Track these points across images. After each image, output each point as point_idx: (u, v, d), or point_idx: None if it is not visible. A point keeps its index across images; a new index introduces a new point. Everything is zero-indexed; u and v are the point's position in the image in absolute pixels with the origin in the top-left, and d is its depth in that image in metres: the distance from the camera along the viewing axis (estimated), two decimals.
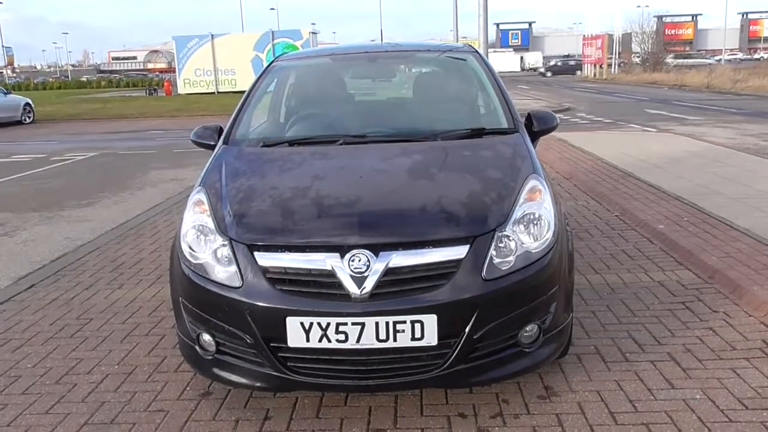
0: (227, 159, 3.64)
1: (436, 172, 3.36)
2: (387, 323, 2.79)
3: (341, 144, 3.67)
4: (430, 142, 3.69)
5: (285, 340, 2.86)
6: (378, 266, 2.82)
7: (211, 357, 3.10)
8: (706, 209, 6.59)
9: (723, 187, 7.65)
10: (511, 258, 2.96)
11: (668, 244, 5.62)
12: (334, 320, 2.80)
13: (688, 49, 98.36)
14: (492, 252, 2.93)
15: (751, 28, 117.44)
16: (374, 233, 2.91)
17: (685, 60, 63.61)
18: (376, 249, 2.85)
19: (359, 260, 2.82)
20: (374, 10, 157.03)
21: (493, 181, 3.26)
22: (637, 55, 61.47)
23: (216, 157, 3.71)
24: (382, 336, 2.80)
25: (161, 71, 64.65)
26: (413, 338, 2.81)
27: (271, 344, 2.90)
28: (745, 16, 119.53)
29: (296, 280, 2.88)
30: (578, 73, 60.87)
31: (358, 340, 2.81)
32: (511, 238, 2.99)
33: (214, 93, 38.30)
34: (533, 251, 3.02)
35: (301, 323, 2.82)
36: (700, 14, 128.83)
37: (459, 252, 2.89)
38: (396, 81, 4.44)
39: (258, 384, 3.03)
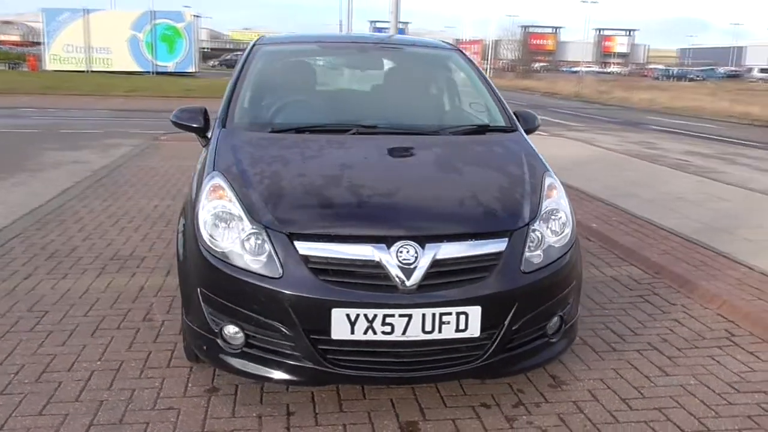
0: (235, 143, 3.49)
1: (460, 166, 3.39)
2: (434, 315, 2.79)
3: (354, 133, 3.61)
4: (441, 136, 3.71)
5: (328, 332, 2.79)
6: (425, 258, 2.81)
7: (237, 350, 2.96)
8: (629, 210, 7.01)
9: (633, 190, 8.17)
10: (539, 252, 3.05)
11: (607, 242, 5.93)
12: (381, 312, 2.77)
13: (549, 59, 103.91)
14: (526, 246, 3.00)
15: (604, 43, 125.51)
16: (420, 225, 2.90)
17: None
18: (422, 241, 2.84)
19: (407, 252, 2.81)
20: None
21: (517, 177, 3.33)
22: (505, 61, 64.10)
23: (220, 140, 3.54)
24: (428, 328, 2.80)
25: (14, 44, 60.09)
26: (457, 330, 2.83)
27: (311, 336, 2.82)
28: (599, 32, 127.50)
29: (341, 271, 2.82)
30: None
31: (404, 332, 2.79)
32: (538, 232, 3.08)
33: (85, 71, 36.20)
34: (555, 246, 3.12)
35: (347, 315, 2.76)
36: (562, 27, 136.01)
37: (499, 245, 2.94)
38: (387, 73, 4.41)
39: (293, 378, 2.93)
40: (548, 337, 3.11)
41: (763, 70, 76.98)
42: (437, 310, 2.79)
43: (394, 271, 2.79)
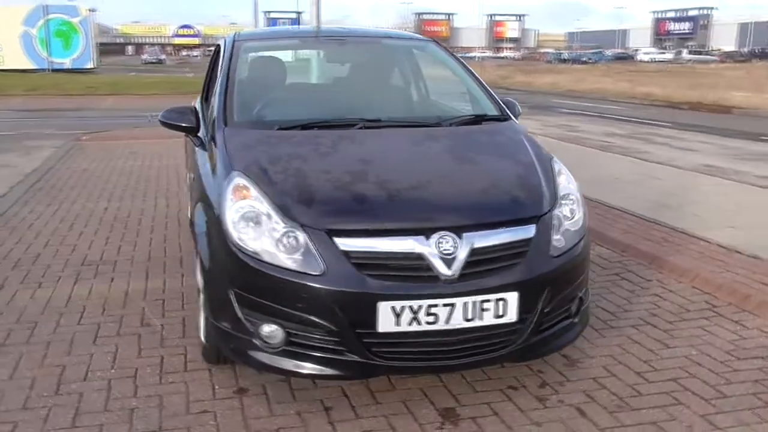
0: (247, 142, 3.45)
1: (474, 156, 3.48)
2: (474, 303, 2.88)
3: (361, 128, 3.64)
4: (443, 127, 3.79)
5: (374, 326, 2.83)
6: (464, 247, 2.89)
7: (277, 349, 2.96)
8: None
9: (573, 173, 8.47)
10: (560, 236, 3.18)
11: None
12: (425, 302, 2.83)
13: (444, 45, 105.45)
14: (552, 231, 3.13)
15: (496, 29, 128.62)
16: (455, 215, 2.98)
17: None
18: (459, 231, 2.92)
19: (447, 242, 2.88)
20: None
21: (529, 164, 3.45)
22: None
23: (229, 139, 3.48)
24: (470, 315, 2.89)
25: None
26: (496, 316, 2.93)
27: (357, 330, 2.86)
28: (491, 17, 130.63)
29: (383, 265, 2.86)
30: None
31: (447, 321, 2.87)
32: (558, 217, 3.21)
33: None
34: (571, 230, 3.26)
35: (392, 307, 2.81)
36: (455, 13, 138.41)
37: (529, 232, 3.05)
38: (373, 66, 4.43)
39: (339, 373, 2.95)
40: (572, 318, 3.26)
41: (692, 52, 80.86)
42: (478, 298, 2.88)
43: (436, 262, 2.85)
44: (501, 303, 2.92)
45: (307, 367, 2.95)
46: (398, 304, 2.81)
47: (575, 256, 3.19)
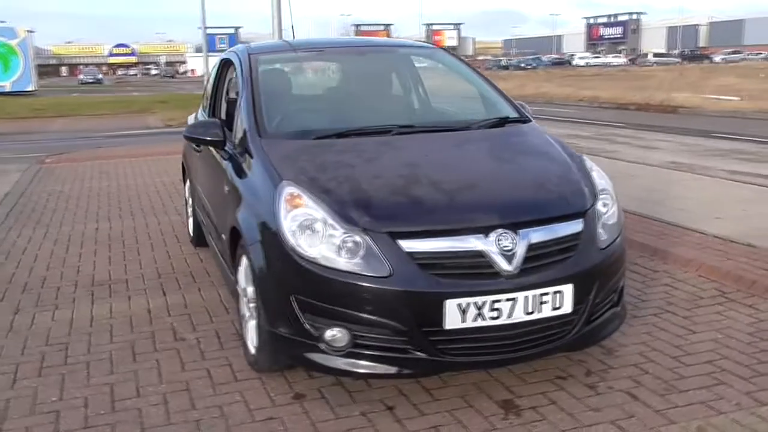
0: (289, 152, 3.50)
1: (512, 156, 3.61)
2: (534, 296, 2.99)
3: (396, 134, 3.72)
4: (473, 130, 3.90)
5: (441, 323, 2.91)
6: (521, 243, 3.01)
7: (343, 352, 3.01)
8: None
9: None
10: (602, 230, 3.33)
11: None
12: (489, 298, 2.93)
13: None
14: (596, 224, 3.27)
15: (434, 38, 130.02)
16: (510, 213, 3.09)
17: None
18: (515, 228, 3.03)
19: (506, 239, 2.98)
20: (71, 9, 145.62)
21: (565, 162, 3.59)
22: None
23: (268, 151, 3.52)
24: (530, 309, 3.00)
25: None
26: (554, 308, 3.05)
27: (424, 329, 2.94)
28: (429, 27, 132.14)
29: (446, 263, 2.95)
30: None
31: (509, 315, 2.97)
32: (598, 211, 3.36)
33: None
34: (609, 222, 3.41)
35: (459, 304, 2.90)
36: (392, 24, 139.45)
37: (577, 226, 3.19)
38: (392, 74, 4.52)
39: (407, 371, 3.03)
40: (615, 308, 3.40)
41: (656, 55, 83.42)
42: (537, 291, 3.00)
43: (497, 259, 2.96)
44: (558, 295, 3.04)
45: (374, 367, 3.02)
46: (464, 301, 2.91)
47: (617, 248, 3.34)
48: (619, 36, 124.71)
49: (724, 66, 58.28)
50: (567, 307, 3.07)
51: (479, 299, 2.92)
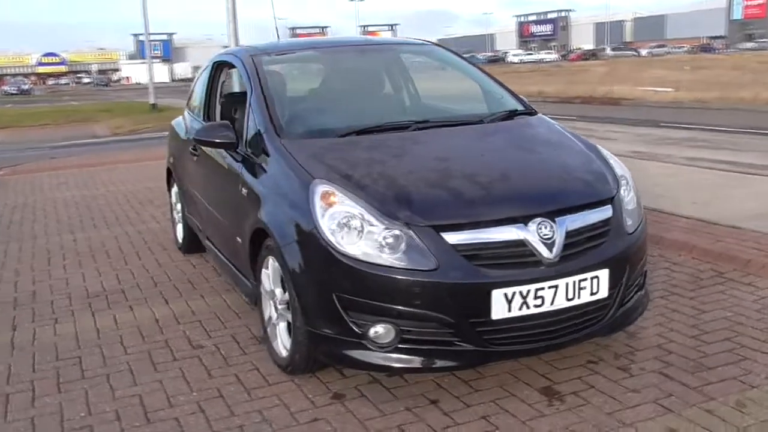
0: (314, 151, 3.46)
1: (533, 147, 3.65)
2: (574, 282, 3.05)
3: (415, 130, 3.72)
4: (487, 123, 3.93)
5: (487, 314, 2.94)
6: (560, 231, 3.05)
7: (389, 348, 3.01)
8: None
9: None
10: (626, 216, 3.40)
11: None
12: (533, 286, 2.97)
13: None
14: (622, 210, 3.34)
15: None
16: (547, 202, 3.13)
17: None
18: (552, 216, 3.07)
19: (546, 227, 3.02)
20: None
21: (583, 151, 3.66)
22: None
23: (292, 150, 3.47)
24: (570, 295, 3.05)
25: None
26: (591, 293, 3.10)
27: (470, 320, 2.95)
28: (364, 28, 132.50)
29: (490, 254, 2.98)
30: None
31: (552, 303, 3.01)
32: (622, 196, 3.43)
33: None
34: (629, 208, 3.48)
35: (504, 294, 2.93)
36: (328, 26, 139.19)
37: (607, 212, 3.26)
38: (396, 71, 4.52)
39: (454, 363, 3.05)
40: (641, 290, 3.49)
41: (614, 48, 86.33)
42: (576, 278, 3.05)
43: (539, 247, 3.00)
44: (595, 280, 3.10)
45: (421, 361, 3.02)
46: (510, 291, 2.94)
47: (642, 232, 3.42)
48: (549, 33, 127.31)
49: (651, 59, 60.15)
50: (603, 292, 3.13)
51: (524, 288, 2.95)
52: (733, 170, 8.38)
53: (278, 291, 3.46)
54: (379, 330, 3.00)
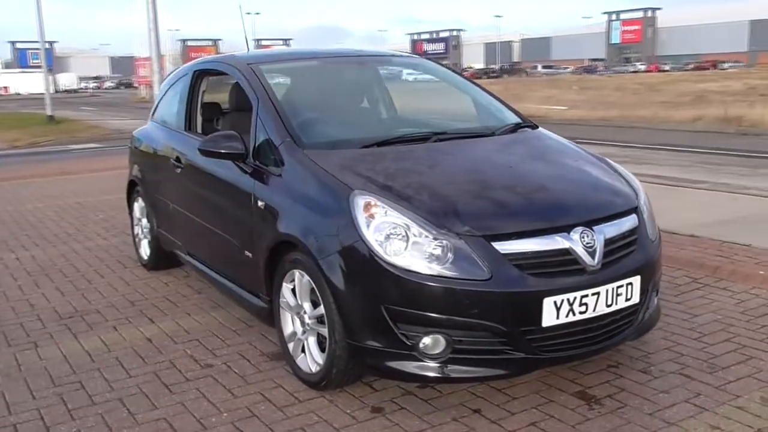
0: (341, 162, 3.41)
1: (555, 158, 3.74)
2: (613, 289, 3.14)
3: (435, 141, 3.74)
4: (500, 135, 3.99)
5: (539, 322, 2.98)
6: (599, 239, 3.15)
7: (441, 358, 3.00)
8: None
9: None
10: (647, 223, 3.55)
11: None
12: (579, 294, 3.04)
13: None
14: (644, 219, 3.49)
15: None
16: (586, 211, 3.22)
17: None
18: (590, 224, 3.17)
19: (588, 236, 3.11)
20: None
21: (598, 163, 3.78)
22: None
23: (318, 161, 3.41)
24: (609, 301, 3.14)
25: None
26: (626, 299, 3.21)
27: (521, 328, 2.99)
28: (258, 42, 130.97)
29: (538, 263, 3.03)
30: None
31: (594, 309, 3.10)
32: (642, 206, 3.58)
33: None
34: (647, 217, 3.62)
35: (554, 302, 2.99)
36: (221, 39, 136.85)
37: (634, 221, 3.39)
38: (399, 83, 4.52)
39: (504, 372, 3.07)
40: (658, 295, 3.64)
41: (545, 67, 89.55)
42: (615, 284, 3.15)
43: (583, 255, 3.08)
44: (629, 287, 3.21)
45: (473, 371, 3.04)
46: (558, 299, 3.00)
47: (659, 240, 3.58)
48: (441, 51, 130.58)
49: (540, 79, 62.89)
50: (635, 298, 3.25)
51: (571, 295, 3.02)
52: (662, 183, 8.86)
53: (307, 305, 3.38)
54: (429, 341, 2.99)
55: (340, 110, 4.26)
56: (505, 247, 2.99)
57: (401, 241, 3.01)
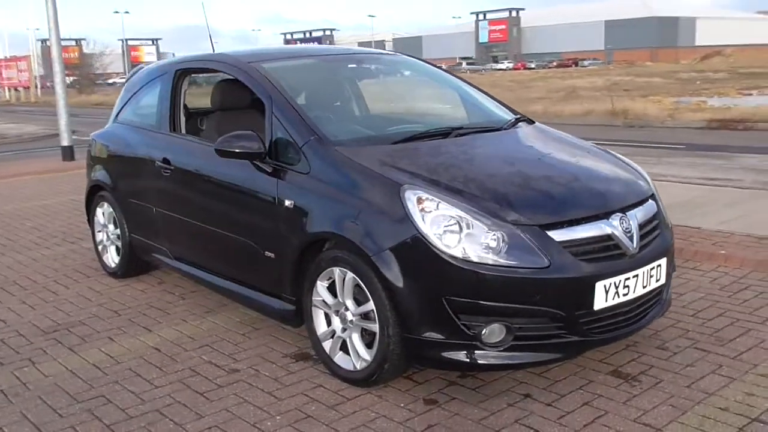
0: (380, 158, 3.40)
1: (572, 150, 3.89)
2: (648, 271, 3.34)
3: (456, 136, 3.80)
4: (507, 129, 4.09)
5: (591, 305, 3.12)
6: (634, 224, 3.33)
7: (504, 346, 3.07)
8: None
9: None
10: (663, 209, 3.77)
11: None
12: (623, 277, 3.21)
13: (77, 72, 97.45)
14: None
15: (132, 53, 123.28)
16: (618, 198, 3.39)
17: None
18: (625, 210, 3.34)
19: (625, 222, 3.28)
20: None
21: (605, 154, 3.96)
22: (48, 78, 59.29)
23: (354, 157, 3.40)
24: (644, 283, 3.33)
25: None
26: (656, 280, 3.42)
27: (576, 312, 3.12)
28: (125, 42, 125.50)
29: (588, 249, 3.16)
30: None
31: (634, 291, 3.28)
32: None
33: None
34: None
35: (604, 286, 3.14)
36: (84, 39, 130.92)
37: (654, 207, 3.60)
38: (400, 81, 4.52)
39: (560, 356, 3.19)
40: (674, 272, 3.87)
41: (469, 63, 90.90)
42: (649, 266, 3.34)
43: (624, 240, 3.25)
44: (659, 268, 3.41)
45: (533, 356, 3.13)
46: (607, 282, 3.15)
47: (671, 223, 3.81)
48: None
49: None
50: (662, 279, 3.46)
51: (617, 278, 3.18)
52: None
53: (350, 302, 3.37)
54: (492, 330, 3.05)
55: (353, 107, 4.25)
56: (559, 235, 3.11)
57: (456, 233, 3.06)
